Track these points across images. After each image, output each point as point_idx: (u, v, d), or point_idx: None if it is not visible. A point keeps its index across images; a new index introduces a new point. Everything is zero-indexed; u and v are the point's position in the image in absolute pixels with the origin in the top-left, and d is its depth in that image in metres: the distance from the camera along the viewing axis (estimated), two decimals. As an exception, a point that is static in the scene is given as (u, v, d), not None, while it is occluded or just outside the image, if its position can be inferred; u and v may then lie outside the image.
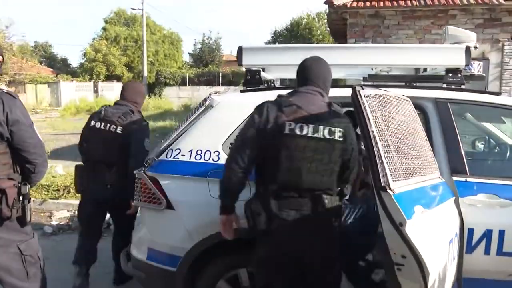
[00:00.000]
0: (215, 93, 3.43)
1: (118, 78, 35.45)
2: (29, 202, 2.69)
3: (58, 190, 7.16)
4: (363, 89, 2.30)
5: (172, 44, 38.85)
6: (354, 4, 8.16)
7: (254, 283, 2.95)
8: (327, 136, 2.50)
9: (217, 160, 3.04)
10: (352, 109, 2.45)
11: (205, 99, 3.53)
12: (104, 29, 38.87)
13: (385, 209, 2.09)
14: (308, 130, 2.49)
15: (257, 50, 3.34)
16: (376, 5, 8.10)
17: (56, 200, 6.95)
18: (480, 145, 4.05)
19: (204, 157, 3.07)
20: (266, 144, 2.51)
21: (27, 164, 2.66)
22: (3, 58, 2.85)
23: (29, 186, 2.70)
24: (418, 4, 7.99)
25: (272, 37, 32.78)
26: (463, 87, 3.28)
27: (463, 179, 2.93)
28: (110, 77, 35.31)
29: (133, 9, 34.09)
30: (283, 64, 3.33)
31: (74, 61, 79.51)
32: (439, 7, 8.17)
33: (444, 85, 3.26)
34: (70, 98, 28.75)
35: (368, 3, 8.19)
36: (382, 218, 2.14)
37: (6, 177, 2.59)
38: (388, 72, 3.69)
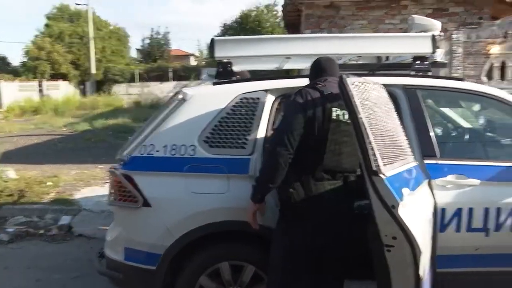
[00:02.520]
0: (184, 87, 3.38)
1: (64, 77, 34.15)
2: None
3: (11, 195, 6.84)
4: (348, 77, 2.32)
5: (119, 40, 37.89)
6: (310, -5, 8.29)
7: (238, 276, 3.00)
8: None
9: (193, 154, 2.99)
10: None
11: (177, 93, 3.47)
12: (47, 25, 37.31)
13: (377, 192, 2.13)
14: (347, 116, 2.59)
15: (230, 42, 3.30)
16: (331, -4, 8.26)
17: (11, 206, 6.62)
18: (444, 129, 4.17)
19: (179, 152, 3.01)
20: (312, 129, 2.60)
21: None
22: None
23: None
24: (371, -5, 8.20)
25: (222, 30, 32.58)
26: (429, 74, 3.38)
27: (433, 161, 3.02)
28: (55, 76, 33.95)
29: (78, 4, 32.90)
30: (256, 55, 3.29)
31: (15, 60, 76.16)
32: (392, -3, 8.42)
33: (412, 72, 3.35)
34: (12, 98, 27.46)
35: (323, -6, 8.34)
36: (374, 201, 2.19)
37: None
38: (357, 61, 3.73)
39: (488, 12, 8.62)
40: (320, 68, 2.84)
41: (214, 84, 3.29)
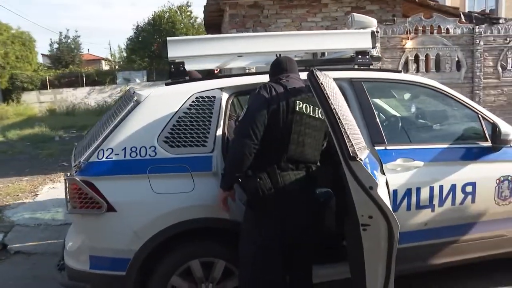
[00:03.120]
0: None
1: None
2: None
3: None
4: (317, 70, 2.46)
5: (23, 45, 35.62)
6: (235, -5, 8.40)
7: (212, 273, 3.04)
8: (321, 117, 2.80)
9: (154, 155, 2.98)
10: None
11: (128, 96, 3.41)
12: None
13: (354, 176, 2.28)
14: (310, 109, 2.78)
15: (183, 42, 3.31)
16: (255, -4, 8.43)
17: None
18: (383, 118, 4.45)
19: (140, 154, 2.98)
20: (276, 120, 2.70)
21: None
22: None
23: None
24: (293, -6, 8.47)
25: (135, 32, 31.83)
26: (371, 67, 3.62)
27: (383, 147, 3.24)
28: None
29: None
30: (210, 54, 3.33)
31: None
32: (313, -4, 8.75)
33: (356, 66, 3.57)
34: None
35: (247, -6, 8.48)
36: (351, 184, 2.34)
37: None
38: (301, 58, 3.89)
39: (400, 10, 9.24)
40: (281, 66, 2.96)
41: (167, 84, 3.29)
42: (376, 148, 3.22)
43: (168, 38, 3.18)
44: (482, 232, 3.44)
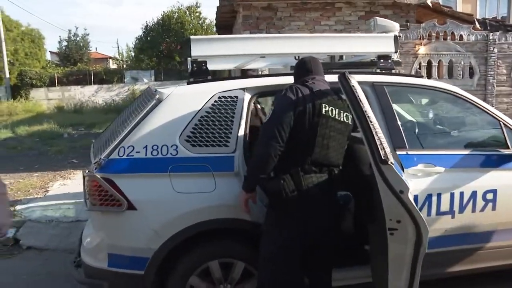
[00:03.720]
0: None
1: (-28, 81, 31.86)
2: None
3: None
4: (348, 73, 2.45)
5: (33, 42, 35.82)
6: (249, -4, 8.39)
7: (229, 274, 3.03)
8: (345, 120, 2.81)
9: (176, 154, 2.97)
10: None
11: (149, 94, 3.41)
12: None
13: (385, 180, 2.25)
14: (335, 112, 2.76)
15: (206, 41, 3.30)
16: (269, -2, 8.42)
17: None
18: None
19: (161, 152, 2.96)
20: (302, 123, 2.69)
21: None
22: None
23: None
24: (308, -3, 8.46)
25: (144, 32, 31.88)
26: (393, 71, 3.61)
27: (404, 152, 3.21)
28: (-38, 80, 31.56)
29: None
30: (233, 54, 3.32)
31: None
32: (327, 0, 8.71)
33: (378, 70, 3.55)
34: None
35: (261, -4, 8.48)
36: (381, 188, 2.32)
37: None
38: (323, 60, 3.87)
39: (414, 16, 9.20)
40: (306, 67, 2.94)
41: (189, 83, 3.28)
42: (398, 152, 3.20)
43: (191, 37, 3.17)
44: (503, 241, 3.40)
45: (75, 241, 4.20)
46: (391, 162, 2.28)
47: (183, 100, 3.11)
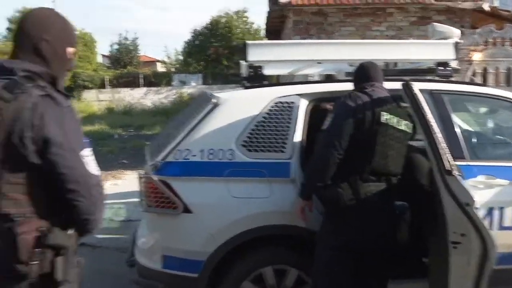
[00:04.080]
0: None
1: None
2: (65, 255, 1.74)
3: None
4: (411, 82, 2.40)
5: (85, 45, 37.10)
6: (299, 2, 8.37)
7: (281, 280, 2.99)
8: (405, 129, 2.76)
9: (232, 159, 2.98)
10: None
11: (205, 98, 3.44)
12: (9, 29, 36.25)
13: (450, 191, 2.19)
14: (394, 121, 2.72)
15: (263, 46, 3.31)
16: (320, 3, 8.37)
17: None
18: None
19: (217, 156, 2.98)
20: (361, 131, 2.66)
21: (70, 206, 1.74)
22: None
23: (69, 232, 1.77)
24: (359, 2, 8.35)
25: (192, 36, 32.39)
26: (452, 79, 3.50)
27: (464, 163, 3.10)
28: (19, 81, 32.98)
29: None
30: (290, 59, 3.32)
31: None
32: (378, 5, 8.60)
33: (436, 78, 3.45)
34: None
35: (312, 1, 8.45)
36: (446, 200, 2.25)
37: (33, 217, 1.70)
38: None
39: (469, 21, 8.96)
40: (366, 73, 2.90)
41: (246, 88, 3.29)
42: (456, 163, 3.09)
43: (248, 42, 3.18)
44: None
45: (126, 240, 4.30)
46: (457, 173, 2.21)
47: (240, 105, 3.12)
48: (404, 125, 2.77)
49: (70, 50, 1.87)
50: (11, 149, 1.63)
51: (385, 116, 2.69)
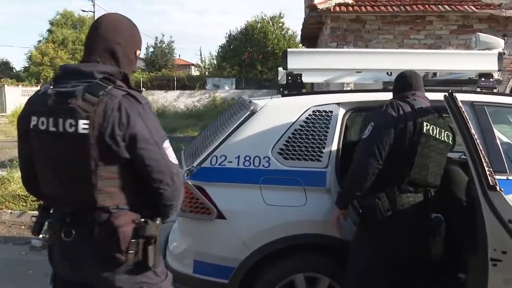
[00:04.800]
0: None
1: (66, 82, 34.17)
2: (155, 242, 1.91)
3: (37, 200, 6.73)
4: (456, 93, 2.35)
5: (122, 47, 37.90)
6: (337, 8, 8.32)
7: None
8: (446, 140, 2.73)
9: (268, 166, 2.97)
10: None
11: (242, 104, 3.45)
12: (50, 31, 37.41)
13: (492, 208, 2.13)
14: (436, 132, 2.67)
15: (302, 54, 3.30)
16: (358, 10, 8.30)
17: (37, 212, 6.52)
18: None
19: (253, 163, 2.98)
20: (402, 141, 2.63)
21: (154, 195, 1.90)
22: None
23: (157, 222, 1.91)
24: (398, 10, 8.23)
25: (227, 40, 32.65)
26: (495, 91, 3.40)
27: (504, 177, 3.01)
28: (57, 82, 33.93)
29: (84, 11, 32.77)
30: (329, 68, 3.29)
31: (18, 65, 75.97)
32: (417, 13, 8.46)
33: (478, 89, 3.37)
34: (15, 103, 27.37)
35: (350, 8, 8.39)
36: (487, 216, 2.19)
37: (121, 210, 1.85)
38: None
39: (512, 30, 8.73)
40: (407, 82, 2.86)
41: (283, 96, 3.28)
42: (497, 177, 2.99)
43: (288, 50, 3.17)
44: None
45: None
46: (500, 189, 2.15)
47: (277, 112, 3.11)
48: (445, 136, 2.73)
49: (138, 52, 2.01)
50: (104, 147, 1.76)
51: (427, 127, 2.64)
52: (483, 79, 3.39)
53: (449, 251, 2.90)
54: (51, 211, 1.94)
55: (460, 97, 3.16)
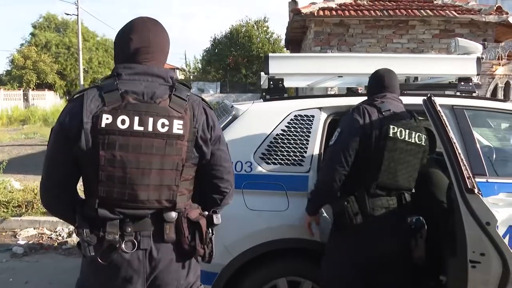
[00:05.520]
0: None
1: (49, 87, 33.91)
2: (214, 234, 2.01)
3: (19, 206, 6.66)
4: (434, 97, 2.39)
5: (106, 51, 37.77)
6: (321, 12, 8.37)
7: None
8: (417, 141, 2.71)
9: (250, 171, 2.97)
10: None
11: (224, 109, 3.45)
12: (32, 34, 37.01)
13: (470, 210, 2.16)
14: (404, 134, 2.66)
15: (284, 58, 3.31)
16: (342, 14, 8.36)
17: (19, 218, 6.46)
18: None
19: (235, 168, 2.97)
20: (368, 146, 2.62)
21: (215, 194, 1.98)
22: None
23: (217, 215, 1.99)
24: (381, 14, 8.32)
25: (212, 44, 32.62)
26: (474, 94, 3.45)
27: (484, 180, 3.05)
28: (40, 85, 33.67)
29: (68, 14, 32.29)
30: (311, 73, 3.31)
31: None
32: (400, 17, 8.55)
33: (458, 93, 3.41)
34: (-2, 107, 27.06)
35: (334, 12, 8.45)
36: (466, 219, 2.22)
37: (190, 207, 1.90)
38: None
39: (492, 35, 8.85)
40: (380, 82, 2.85)
41: (265, 100, 3.29)
42: (477, 179, 3.03)
43: (270, 54, 3.18)
44: None
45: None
46: (478, 192, 2.17)
47: (259, 117, 3.12)
48: (416, 138, 2.72)
49: None
50: (195, 148, 1.81)
51: (393, 130, 2.64)
52: (462, 83, 3.44)
53: (432, 253, 2.92)
54: (96, 227, 1.75)
55: (440, 101, 3.23)
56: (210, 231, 1.94)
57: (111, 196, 1.72)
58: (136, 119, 1.69)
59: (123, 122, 1.69)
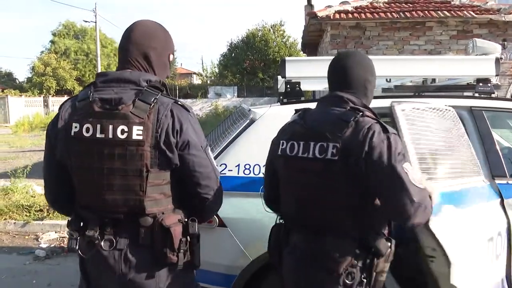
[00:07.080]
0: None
1: (69, 93, 34.43)
2: (198, 242, 1.99)
3: (41, 210, 6.79)
4: (399, 104, 2.45)
5: (123, 56, 38.14)
6: (337, 15, 8.36)
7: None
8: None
9: (268, 174, 2.98)
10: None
11: (242, 113, 3.47)
12: (52, 42, 37.67)
13: None
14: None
15: (300, 62, 3.33)
16: (358, 17, 8.34)
17: (41, 222, 6.58)
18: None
19: (253, 172, 2.99)
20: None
21: (196, 199, 1.94)
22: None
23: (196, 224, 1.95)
24: (398, 16, 8.27)
25: (229, 49, 32.77)
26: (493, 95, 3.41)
27: (504, 181, 3.01)
28: (60, 92, 34.26)
29: (86, 21, 32.87)
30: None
31: (21, 75, 76.46)
32: (417, 19, 8.49)
33: (476, 94, 3.38)
34: (19, 114, 27.55)
35: (350, 15, 8.43)
36: None
37: (170, 212, 1.88)
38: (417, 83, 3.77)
39: (512, 34, 8.75)
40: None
41: (282, 104, 3.30)
42: (497, 181, 3.00)
43: (286, 58, 3.19)
44: None
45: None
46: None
47: (276, 121, 3.11)
48: None
49: (171, 56, 2.02)
50: (158, 154, 1.78)
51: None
52: (481, 84, 3.41)
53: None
54: (83, 224, 1.87)
55: (459, 102, 3.21)
56: (188, 239, 1.90)
57: (86, 199, 1.86)
58: (98, 126, 1.75)
59: (87, 130, 1.76)
